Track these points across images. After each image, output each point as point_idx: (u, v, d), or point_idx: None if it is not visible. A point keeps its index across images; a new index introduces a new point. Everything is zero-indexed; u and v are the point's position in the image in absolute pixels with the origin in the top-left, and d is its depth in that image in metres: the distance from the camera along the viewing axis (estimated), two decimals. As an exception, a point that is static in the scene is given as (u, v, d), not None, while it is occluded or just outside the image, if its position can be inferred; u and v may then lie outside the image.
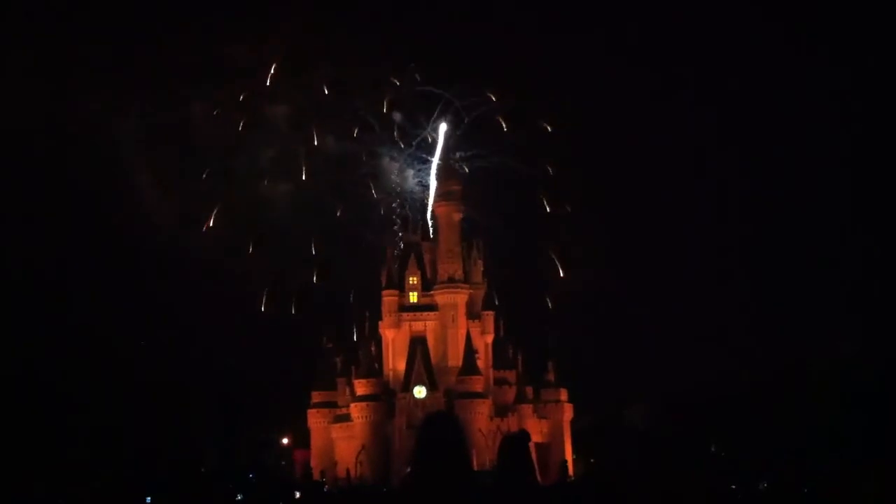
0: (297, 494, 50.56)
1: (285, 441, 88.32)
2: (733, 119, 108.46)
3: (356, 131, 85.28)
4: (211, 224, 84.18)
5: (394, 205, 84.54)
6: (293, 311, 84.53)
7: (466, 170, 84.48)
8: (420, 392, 75.79)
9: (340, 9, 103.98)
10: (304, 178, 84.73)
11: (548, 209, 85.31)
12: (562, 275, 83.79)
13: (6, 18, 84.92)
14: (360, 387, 77.91)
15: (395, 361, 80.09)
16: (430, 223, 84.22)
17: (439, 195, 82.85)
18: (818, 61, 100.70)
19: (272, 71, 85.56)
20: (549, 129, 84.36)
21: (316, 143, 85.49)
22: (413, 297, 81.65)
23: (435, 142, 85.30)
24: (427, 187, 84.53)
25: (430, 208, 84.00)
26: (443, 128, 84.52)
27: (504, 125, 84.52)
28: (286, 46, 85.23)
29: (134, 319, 76.34)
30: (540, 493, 8.05)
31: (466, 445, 6.28)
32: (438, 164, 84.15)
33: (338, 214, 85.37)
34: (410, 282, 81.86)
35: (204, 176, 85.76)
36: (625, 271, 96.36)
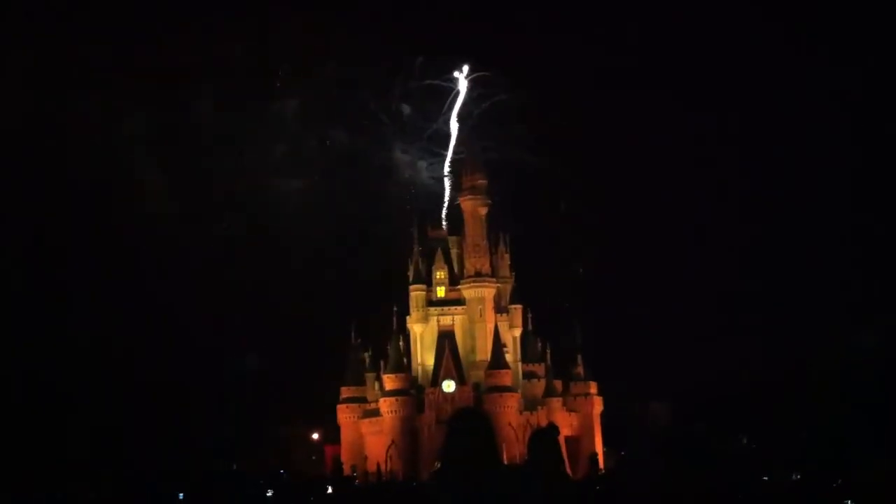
0: (329, 489, 50.87)
1: (315, 436, 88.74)
2: (734, 119, 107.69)
3: (366, 126, 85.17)
4: (228, 226, 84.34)
5: (408, 206, 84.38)
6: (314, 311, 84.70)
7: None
8: (449, 386, 75.87)
9: (342, 7, 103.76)
10: (316, 175, 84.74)
11: (563, 206, 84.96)
12: (581, 270, 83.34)
13: (5, 18, 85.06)
14: (389, 382, 78.08)
15: (424, 356, 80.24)
16: (444, 216, 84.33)
17: (465, 189, 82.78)
18: (818, 61, 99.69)
19: (280, 70, 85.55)
20: (563, 124, 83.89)
21: (327, 140, 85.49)
22: (440, 292, 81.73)
23: (446, 135, 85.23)
24: (441, 180, 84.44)
25: (446, 201, 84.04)
26: (454, 117, 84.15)
27: (520, 121, 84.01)
28: (291, 43, 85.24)
29: (152, 321, 76.58)
30: (570, 487, 8.11)
31: (495, 440, 6.35)
32: (454, 158, 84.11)
33: (354, 209, 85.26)
34: (438, 276, 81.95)
35: (210, 173, 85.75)
36: (634, 269, 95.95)
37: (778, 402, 68.38)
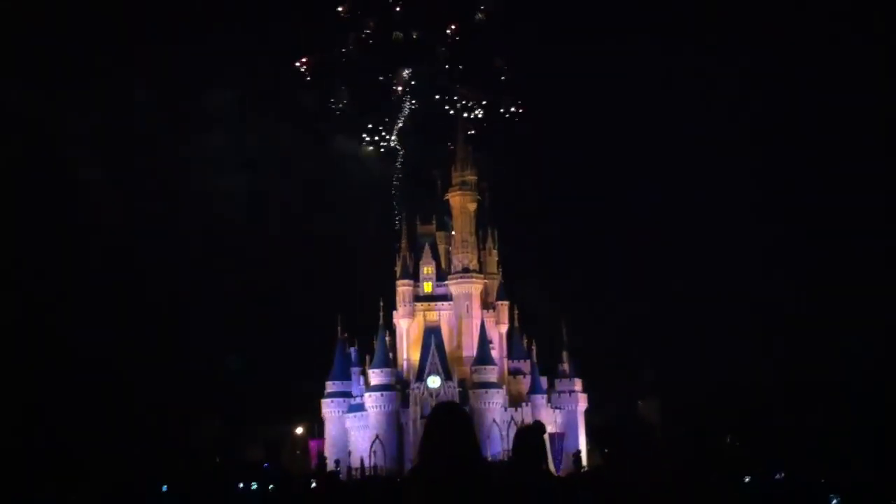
0: (313, 483, 50.66)
1: (300, 431, 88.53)
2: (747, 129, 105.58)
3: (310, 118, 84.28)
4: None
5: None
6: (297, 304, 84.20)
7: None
8: (434, 382, 75.83)
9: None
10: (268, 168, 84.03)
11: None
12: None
13: None
14: (375, 377, 78.05)
15: (410, 351, 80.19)
16: (397, 213, 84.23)
17: (454, 184, 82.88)
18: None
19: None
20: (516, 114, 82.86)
21: (273, 133, 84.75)
22: (427, 287, 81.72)
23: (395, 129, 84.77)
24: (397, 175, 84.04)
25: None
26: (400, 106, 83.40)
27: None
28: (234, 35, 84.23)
29: (136, 317, 75.90)
30: (553, 484, 8.03)
31: (473, 435, 6.24)
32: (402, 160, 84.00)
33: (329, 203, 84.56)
34: (425, 272, 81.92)
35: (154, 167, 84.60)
36: (621, 266, 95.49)
37: (763, 402, 68.63)
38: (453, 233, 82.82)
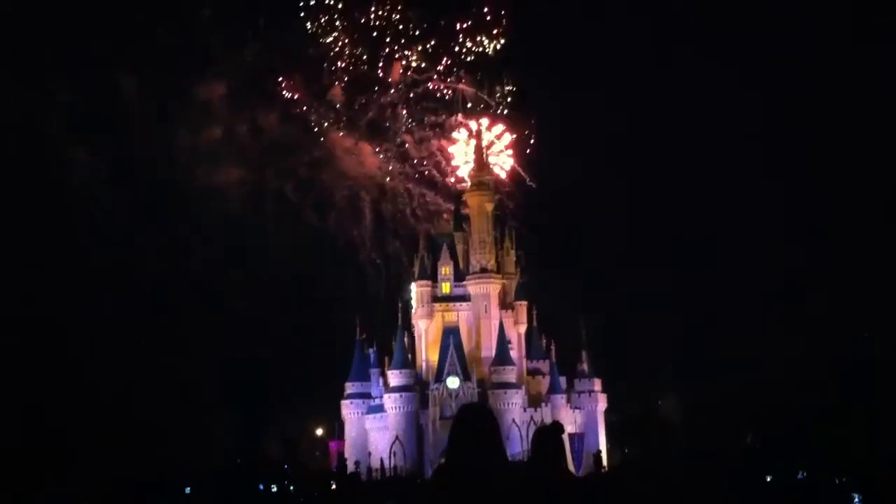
0: (333, 485, 50.86)
1: (319, 432, 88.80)
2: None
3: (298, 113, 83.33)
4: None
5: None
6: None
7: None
8: (453, 382, 75.86)
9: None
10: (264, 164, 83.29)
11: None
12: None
13: None
14: (394, 378, 78.14)
15: (428, 352, 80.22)
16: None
17: (472, 185, 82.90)
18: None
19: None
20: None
21: (258, 125, 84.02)
22: (446, 288, 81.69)
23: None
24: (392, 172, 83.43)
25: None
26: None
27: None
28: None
29: (156, 314, 75.91)
30: (572, 484, 8.04)
31: (500, 436, 6.29)
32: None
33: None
34: (443, 272, 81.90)
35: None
36: (640, 265, 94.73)
37: (783, 399, 68.26)
38: (471, 233, 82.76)
